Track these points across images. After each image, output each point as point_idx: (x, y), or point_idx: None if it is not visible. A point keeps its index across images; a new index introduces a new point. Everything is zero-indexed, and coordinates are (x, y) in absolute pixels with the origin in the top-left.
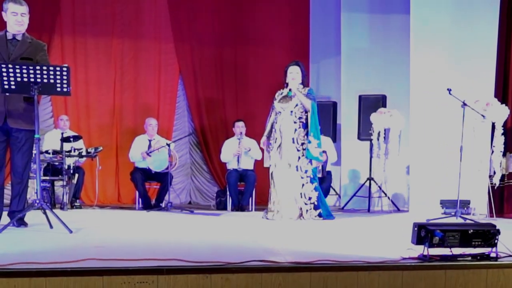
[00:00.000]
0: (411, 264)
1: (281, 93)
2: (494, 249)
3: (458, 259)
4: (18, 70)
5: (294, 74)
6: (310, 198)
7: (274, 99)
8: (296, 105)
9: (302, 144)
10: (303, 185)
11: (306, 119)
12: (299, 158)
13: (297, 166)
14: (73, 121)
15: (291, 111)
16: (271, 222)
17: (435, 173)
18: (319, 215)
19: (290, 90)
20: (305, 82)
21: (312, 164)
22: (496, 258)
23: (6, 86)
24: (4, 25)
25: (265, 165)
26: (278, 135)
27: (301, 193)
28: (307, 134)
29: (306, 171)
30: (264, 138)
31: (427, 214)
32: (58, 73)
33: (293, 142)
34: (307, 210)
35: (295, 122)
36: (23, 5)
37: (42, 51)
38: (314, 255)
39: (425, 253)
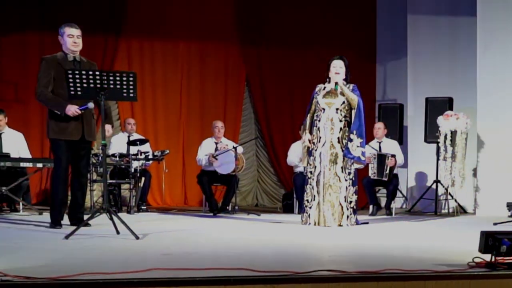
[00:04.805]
0: (479, 273)
1: (324, 88)
2: None
3: None
4: (84, 77)
5: (338, 68)
6: (351, 202)
7: (315, 93)
8: (343, 102)
9: (346, 144)
10: (346, 188)
11: (350, 117)
12: (344, 158)
13: (342, 167)
14: (140, 124)
15: (337, 109)
16: (332, 229)
17: (502, 175)
18: (356, 221)
19: (336, 83)
20: (348, 79)
21: (354, 164)
22: None
23: (73, 92)
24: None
25: (303, 164)
26: (323, 134)
27: (345, 197)
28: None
29: (349, 173)
30: (307, 135)
31: (493, 217)
32: (125, 79)
33: (338, 141)
34: (348, 216)
35: (340, 121)
36: (77, 29)
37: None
38: (381, 263)
39: (493, 261)
